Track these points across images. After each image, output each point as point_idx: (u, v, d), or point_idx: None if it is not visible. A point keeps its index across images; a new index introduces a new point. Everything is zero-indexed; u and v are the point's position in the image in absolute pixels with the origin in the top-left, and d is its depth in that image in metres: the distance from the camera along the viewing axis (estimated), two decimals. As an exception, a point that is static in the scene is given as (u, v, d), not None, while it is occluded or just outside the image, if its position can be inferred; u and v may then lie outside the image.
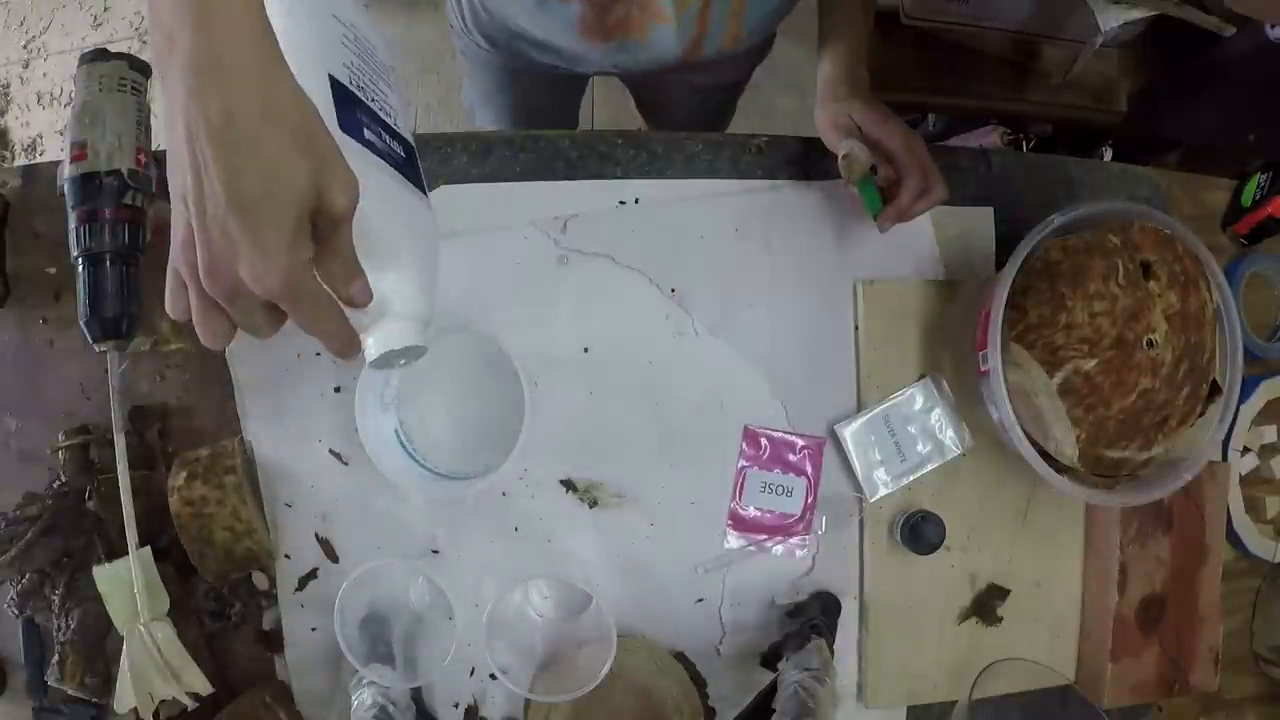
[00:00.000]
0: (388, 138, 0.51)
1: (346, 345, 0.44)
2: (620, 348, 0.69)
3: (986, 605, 0.71)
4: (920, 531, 0.68)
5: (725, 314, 0.70)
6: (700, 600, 0.69)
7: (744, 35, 0.73)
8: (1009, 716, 0.69)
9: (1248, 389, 0.77)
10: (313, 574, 0.67)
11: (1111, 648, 0.70)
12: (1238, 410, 0.75)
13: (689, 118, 1.06)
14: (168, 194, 0.42)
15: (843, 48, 0.70)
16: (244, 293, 0.38)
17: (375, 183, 0.47)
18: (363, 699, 0.61)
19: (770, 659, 0.66)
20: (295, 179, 0.37)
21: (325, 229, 0.40)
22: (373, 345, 0.50)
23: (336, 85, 0.48)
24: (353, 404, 0.63)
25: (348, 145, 0.45)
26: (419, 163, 0.56)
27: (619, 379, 0.69)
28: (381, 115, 0.53)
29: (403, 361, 0.52)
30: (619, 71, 0.86)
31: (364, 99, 0.50)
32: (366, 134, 0.48)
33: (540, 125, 1.06)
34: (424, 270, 0.52)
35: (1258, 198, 0.77)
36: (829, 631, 0.65)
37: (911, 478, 0.70)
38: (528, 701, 0.67)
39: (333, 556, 0.67)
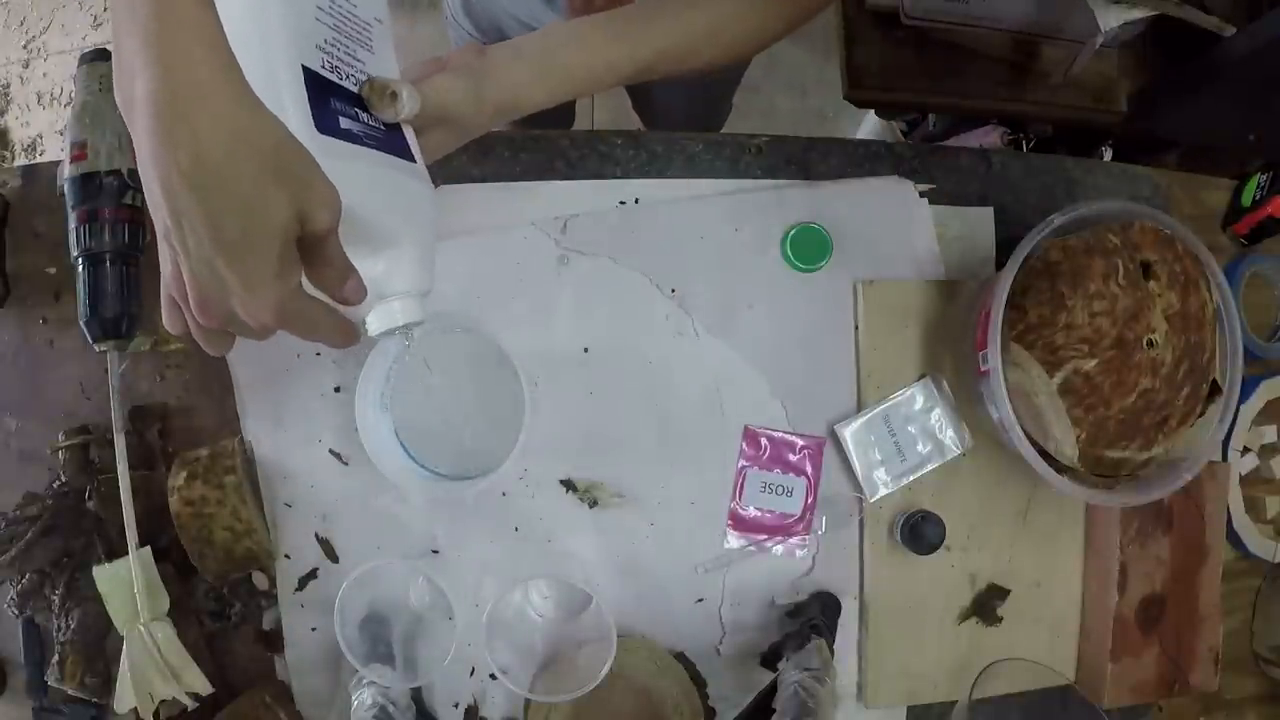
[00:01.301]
0: (366, 115, 0.50)
1: (344, 339, 0.44)
2: (620, 348, 0.69)
3: (986, 605, 0.71)
4: (920, 531, 0.68)
5: (725, 314, 0.70)
6: (700, 600, 0.69)
7: None
8: (1009, 716, 0.69)
9: (1248, 389, 0.77)
10: (313, 574, 0.67)
11: (1111, 648, 0.69)
12: (1238, 410, 0.75)
13: (683, 113, 1.06)
14: None
15: (575, 56, 0.59)
16: (238, 321, 0.39)
17: (358, 174, 0.45)
18: (363, 699, 0.61)
19: (770, 659, 0.66)
20: (274, 212, 0.36)
21: (312, 246, 0.39)
22: (373, 324, 0.50)
23: (310, 76, 0.46)
24: (353, 404, 0.63)
25: (326, 146, 0.44)
26: (404, 127, 0.53)
27: (619, 379, 0.69)
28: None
29: (402, 334, 0.52)
30: None
31: (340, 81, 0.49)
32: (343, 123, 0.47)
33: (535, 120, 1.06)
34: (419, 243, 0.51)
35: (1258, 198, 0.77)
36: (829, 631, 0.65)
37: (911, 478, 0.70)
38: (528, 701, 0.67)
39: (333, 556, 0.67)
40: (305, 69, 0.46)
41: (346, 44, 0.51)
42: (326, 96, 0.47)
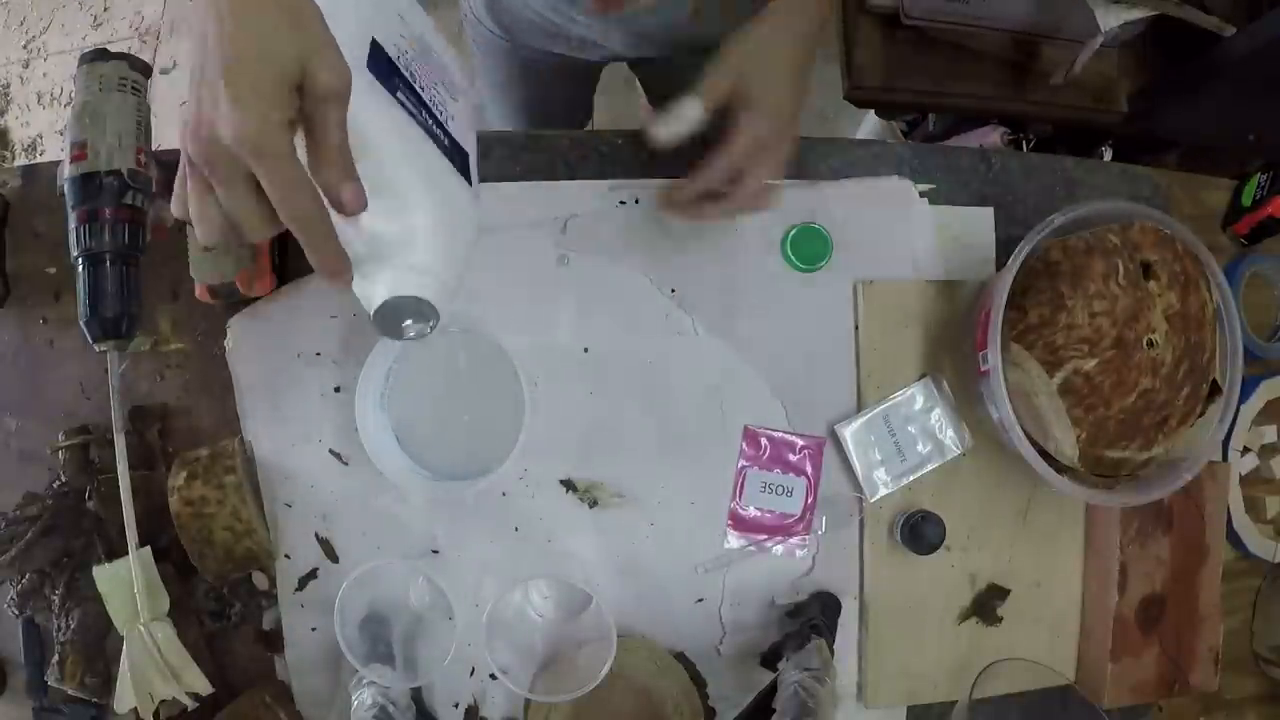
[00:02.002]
0: (431, 121, 0.51)
1: (332, 259, 0.44)
2: (620, 348, 0.69)
3: (986, 605, 0.71)
4: (920, 531, 0.68)
5: (725, 314, 0.70)
6: (700, 600, 0.69)
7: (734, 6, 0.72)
8: (1009, 716, 0.69)
9: (1248, 389, 0.77)
10: (313, 574, 0.67)
11: (1111, 648, 0.69)
12: (1238, 410, 0.75)
13: None
14: (167, 194, 0.42)
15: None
16: (222, 151, 0.40)
17: (393, 124, 0.47)
18: (363, 699, 0.61)
19: (770, 659, 0.66)
20: (280, 46, 0.40)
21: (312, 107, 0.41)
22: (381, 288, 0.49)
23: (376, 47, 0.49)
24: (353, 404, 0.63)
25: (369, 84, 0.47)
26: (471, 165, 0.56)
27: (619, 379, 0.69)
28: (430, 105, 0.53)
29: (412, 335, 0.51)
30: (631, 54, 0.85)
31: (409, 77, 0.51)
32: (400, 95, 0.49)
33: (553, 116, 1.07)
34: (445, 229, 0.51)
35: (1258, 198, 0.77)
36: (829, 631, 0.65)
37: (911, 478, 0.70)
38: (528, 701, 0.67)
39: (333, 556, 0.67)
40: (374, 40, 0.49)
41: (429, 72, 0.54)
42: (389, 72, 0.49)
